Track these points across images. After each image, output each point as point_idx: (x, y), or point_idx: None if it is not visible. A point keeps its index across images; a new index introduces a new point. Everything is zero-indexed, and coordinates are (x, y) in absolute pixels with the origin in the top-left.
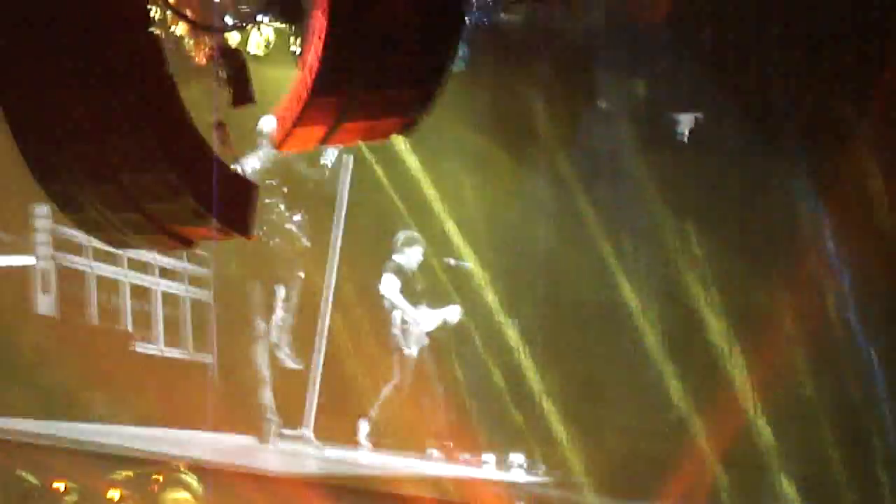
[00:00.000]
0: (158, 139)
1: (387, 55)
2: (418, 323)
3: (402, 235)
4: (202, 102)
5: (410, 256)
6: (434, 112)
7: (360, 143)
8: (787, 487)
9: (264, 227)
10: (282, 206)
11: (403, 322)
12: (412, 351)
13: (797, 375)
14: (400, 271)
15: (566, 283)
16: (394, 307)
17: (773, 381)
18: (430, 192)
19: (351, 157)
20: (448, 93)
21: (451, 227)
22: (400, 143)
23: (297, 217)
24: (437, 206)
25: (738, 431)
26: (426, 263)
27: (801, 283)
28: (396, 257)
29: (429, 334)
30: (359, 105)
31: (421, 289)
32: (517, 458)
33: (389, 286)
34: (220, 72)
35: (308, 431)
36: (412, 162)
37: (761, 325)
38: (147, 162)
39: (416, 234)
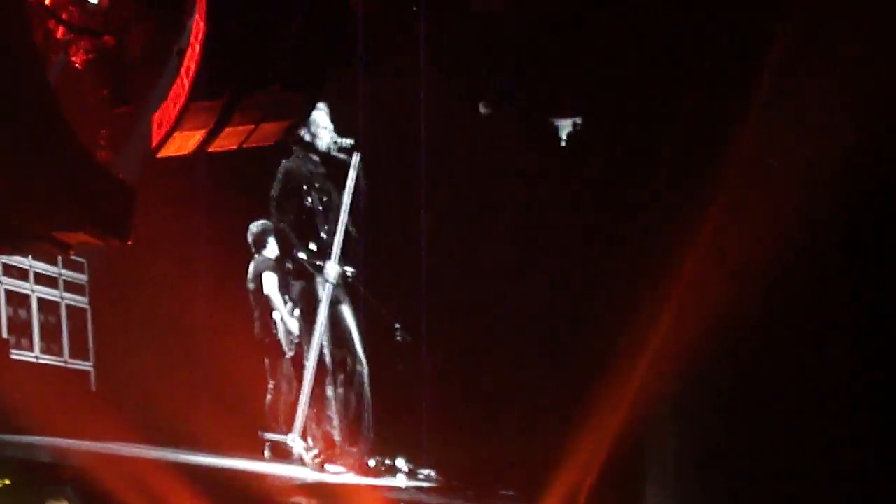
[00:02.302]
0: (36, 141)
1: (266, 58)
2: (293, 324)
3: (255, 227)
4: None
5: (271, 248)
6: None
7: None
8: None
9: None
10: None
11: (283, 323)
12: (291, 353)
13: (668, 376)
14: (274, 267)
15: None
16: (273, 308)
17: (652, 382)
18: None
19: (358, 156)
20: None
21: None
22: None
23: None
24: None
25: (617, 434)
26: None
27: (680, 284)
28: (264, 252)
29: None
30: (239, 109)
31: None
32: (400, 462)
33: (270, 286)
34: (96, 74)
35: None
36: None
37: (641, 324)
38: (24, 165)
39: (266, 223)
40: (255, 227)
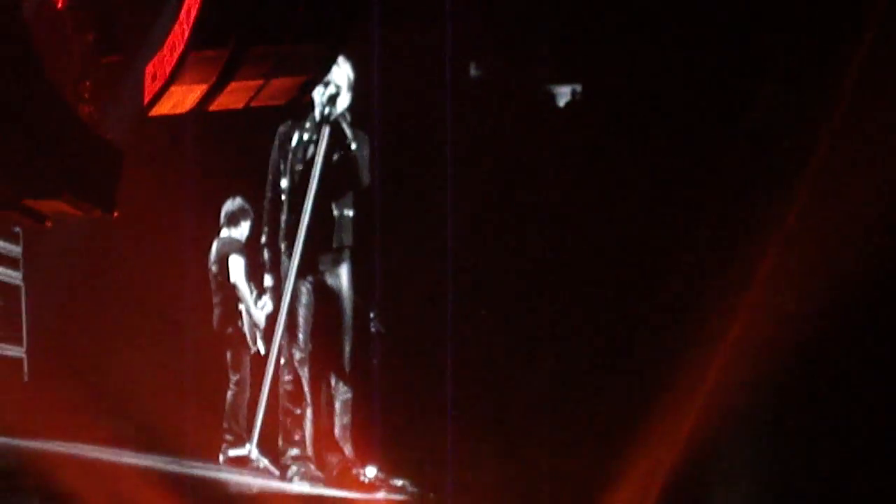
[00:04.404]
0: (7, 92)
1: (279, 1)
2: (260, 316)
3: (231, 204)
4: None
5: (242, 228)
6: None
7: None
8: None
9: None
10: None
11: (249, 315)
12: (258, 348)
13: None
14: (242, 250)
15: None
16: (240, 298)
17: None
18: None
19: (327, 129)
20: None
21: None
22: None
23: None
24: None
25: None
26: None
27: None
28: (232, 233)
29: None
30: (246, 61)
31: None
32: (370, 470)
33: (237, 272)
34: (80, 15)
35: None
36: None
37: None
38: None
39: (244, 202)
40: (230, 202)
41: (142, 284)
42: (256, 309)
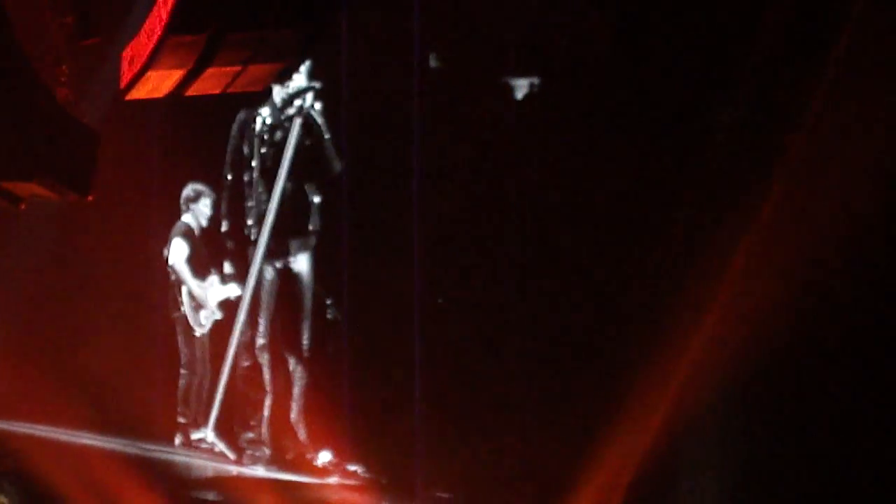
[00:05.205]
0: None
1: None
2: (205, 299)
3: (189, 189)
4: None
5: (199, 213)
6: None
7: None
8: None
9: None
10: None
11: (192, 298)
12: (204, 332)
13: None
14: (189, 234)
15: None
16: (181, 281)
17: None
18: None
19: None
20: None
21: None
22: None
23: None
24: None
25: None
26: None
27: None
28: (185, 217)
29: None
30: (224, 46)
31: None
32: (325, 455)
33: (178, 255)
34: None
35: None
36: None
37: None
38: None
39: (202, 186)
40: (188, 188)
41: (107, 269)
42: (201, 291)
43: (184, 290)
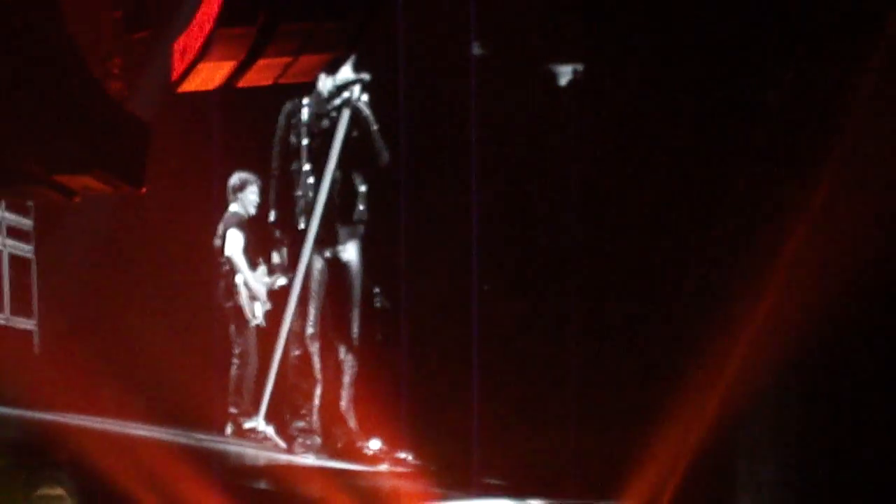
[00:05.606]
0: (38, 69)
1: None
2: (259, 290)
3: (235, 178)
4: None
5: (246, 201)
6: None
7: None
8: None
9: None
10: None
11: (247, 288)
12: (258, 322)
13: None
14: (242, 224)
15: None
16: (236, 271)
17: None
18: None
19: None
20: None
21: None
22: None
23: None
24: None
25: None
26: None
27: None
28: (233, 207)
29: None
30: (275, 38)
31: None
32: (375, 443)
33: (233, 245)
34: None
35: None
36: None
37: None
38: (23, 96)
39: (248, 174)
40: (234, 177)
41: (156, 259)
42: (256, 282)
43: (238, 280)
